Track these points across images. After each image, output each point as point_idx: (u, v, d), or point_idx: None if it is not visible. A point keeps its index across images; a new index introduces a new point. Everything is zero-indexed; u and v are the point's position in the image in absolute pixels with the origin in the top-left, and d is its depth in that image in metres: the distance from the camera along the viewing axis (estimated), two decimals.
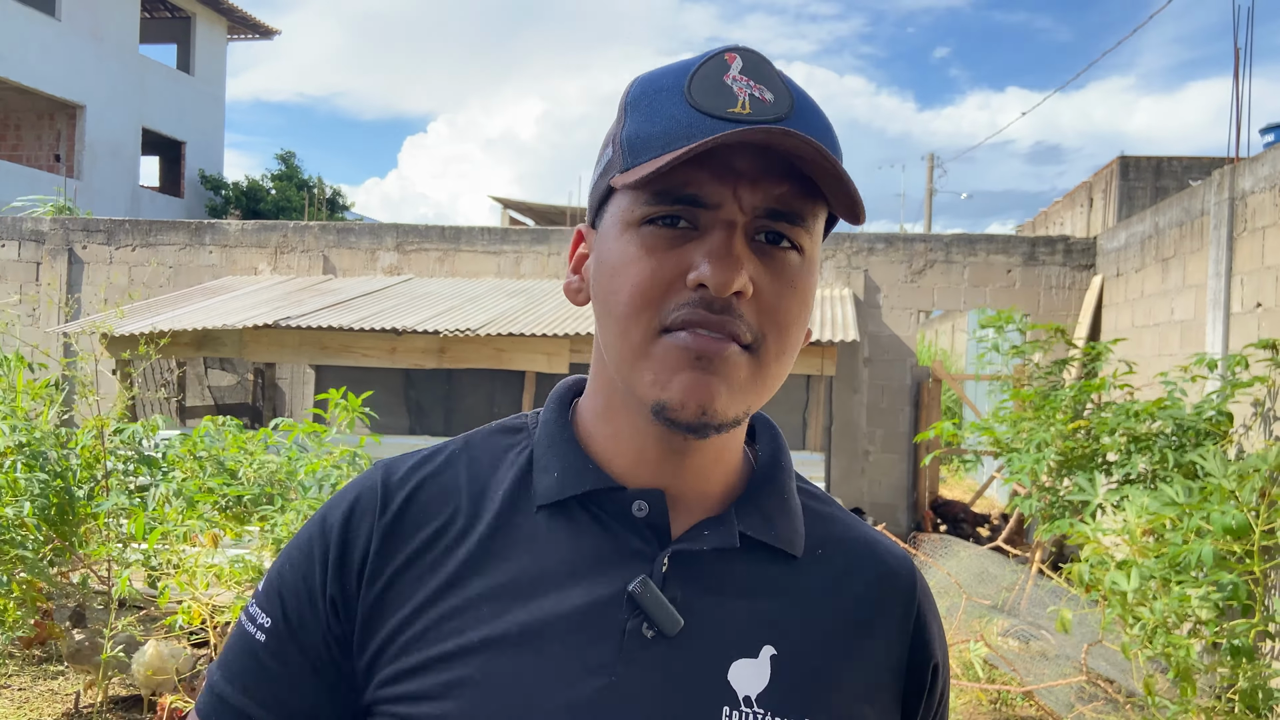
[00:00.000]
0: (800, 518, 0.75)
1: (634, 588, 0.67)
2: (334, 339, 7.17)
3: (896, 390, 8.46)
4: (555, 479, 0.71)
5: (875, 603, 0.74)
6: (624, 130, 0.67)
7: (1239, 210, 5.32)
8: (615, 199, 0.68)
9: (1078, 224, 11.34)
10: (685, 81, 0.65)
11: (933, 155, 22.72)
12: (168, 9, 18.84)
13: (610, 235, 0.68)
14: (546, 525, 0.70)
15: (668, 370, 0.64)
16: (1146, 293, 6.82)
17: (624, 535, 0.69)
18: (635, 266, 0.65)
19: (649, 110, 0.66)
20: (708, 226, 0.64)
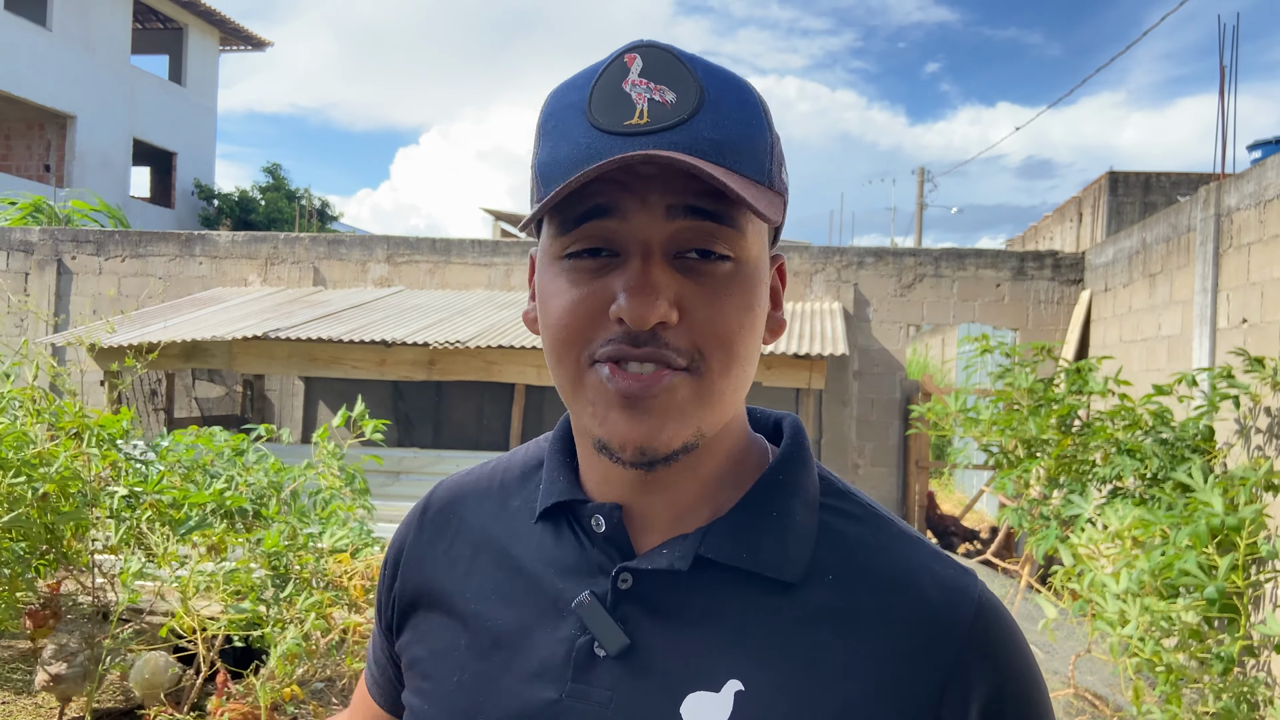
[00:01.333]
0: (801, 539, 0.67)
1: (577, 602, 0.66)
2: (324, 351, 7.15)
3: (886, 404, 8.48)
4: (543, 489, 0.74)
5: (891, 639, 0.63)
6: (537, 157, 0.65)
7: (1225, 226, 5.37)
8: (543, 229, 0.66)
9: (1067, 239, 11.41)
10: (587, 95, 0.62)
11: (923, 169, 22.84)
12: (160, 20, 18.86)
13: (542, 268, 0.67)
14: (539, 535, 0.73)
15: (602, 408, 0.63)
16: (1134, 308, 6.86)
17: (591, 550, 0.69)
18: (560, 301, 0.64)
19: (556, 133, 0.63)
20: (628, 250, 0.62)
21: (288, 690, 3.48)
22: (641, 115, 0.60)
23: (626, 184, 0.60)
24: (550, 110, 0.65)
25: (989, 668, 0.63)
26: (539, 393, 8.59)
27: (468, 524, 0.77)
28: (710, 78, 0.62)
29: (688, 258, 0.62)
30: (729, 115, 0.62)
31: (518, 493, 0.76)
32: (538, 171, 0.65)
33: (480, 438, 9.00)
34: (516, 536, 0.73)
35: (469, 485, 0.80)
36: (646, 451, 0.62)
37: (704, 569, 0.66)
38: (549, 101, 0.65)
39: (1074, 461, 4.85)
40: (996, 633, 0.65)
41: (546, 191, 0.63)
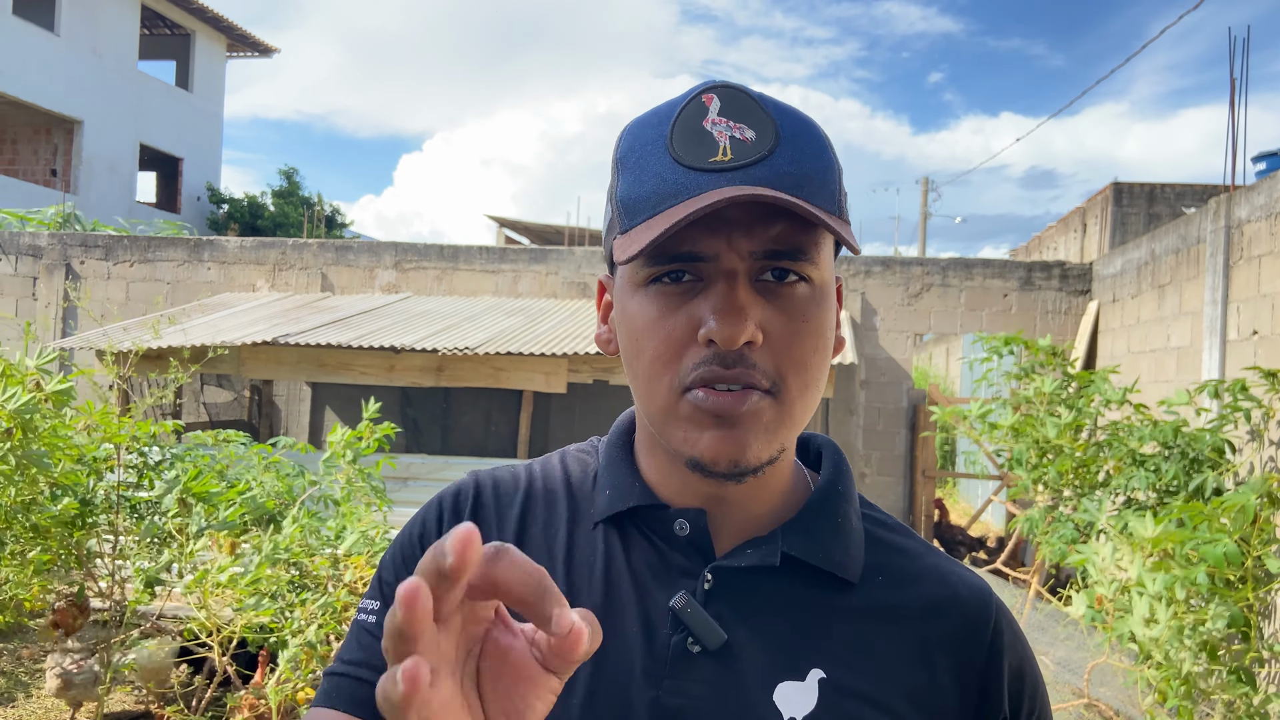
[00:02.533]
0: (858, 543, 0.75)
1: (676, 602, 0.68)
2: (332, 356, 7.16)
3: (893, 413, 8.48)
4: (608, 496, 0.75)
5: (938, 634, 0.72)
6: (618, 190, 0.68)
7: (1235, 238, 5.38)
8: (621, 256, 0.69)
9: (1071, 249, 11.42)
10: (668, 132, 0.66)
11: (927, 179, 22.86)
12: (167, 26, 18.92)
13: (625, 295, 0.70)
14: (603, 540, 0.74)
15: (694, 429, 0.66)
16: (1143, 319, 6.87)
17: (669, 553, 0.72)
18: (651, 329, 0.67)
19: (637, 168, 0.67)
20: (711, 277, 0.65)
21: (301, 694, 3.48)
22: (725, 152, 0.64)
23: (714, 228, 0.64)
24: (629, 145, 0.68)
25: (1014, 656, 0.74)
26: (546, 399, 8.60)
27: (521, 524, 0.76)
28: (782, 115, 0.67)
29: (766, 280, 0.66)
30: (803, 150, 0.66)
31: (564, 501, 0.77)
32: (621, 204, 0.68)
33: (488, 444, 9.01)
34: (575, 545, 0.74)
35: (510, 486, 0.79)
36: (739, 464, 0.66)
37: (783, 567, 0.71)
38: (626, 136, 0.69)
39: (1086, 470, 4.84)
40: (1014, 627, 0.76)
41: (631, 223, 0.66)
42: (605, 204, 0.73)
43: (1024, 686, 0.74)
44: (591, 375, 7.05)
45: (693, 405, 0.66)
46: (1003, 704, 0.72)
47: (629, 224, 0.66)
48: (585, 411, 8.94)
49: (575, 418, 8.97)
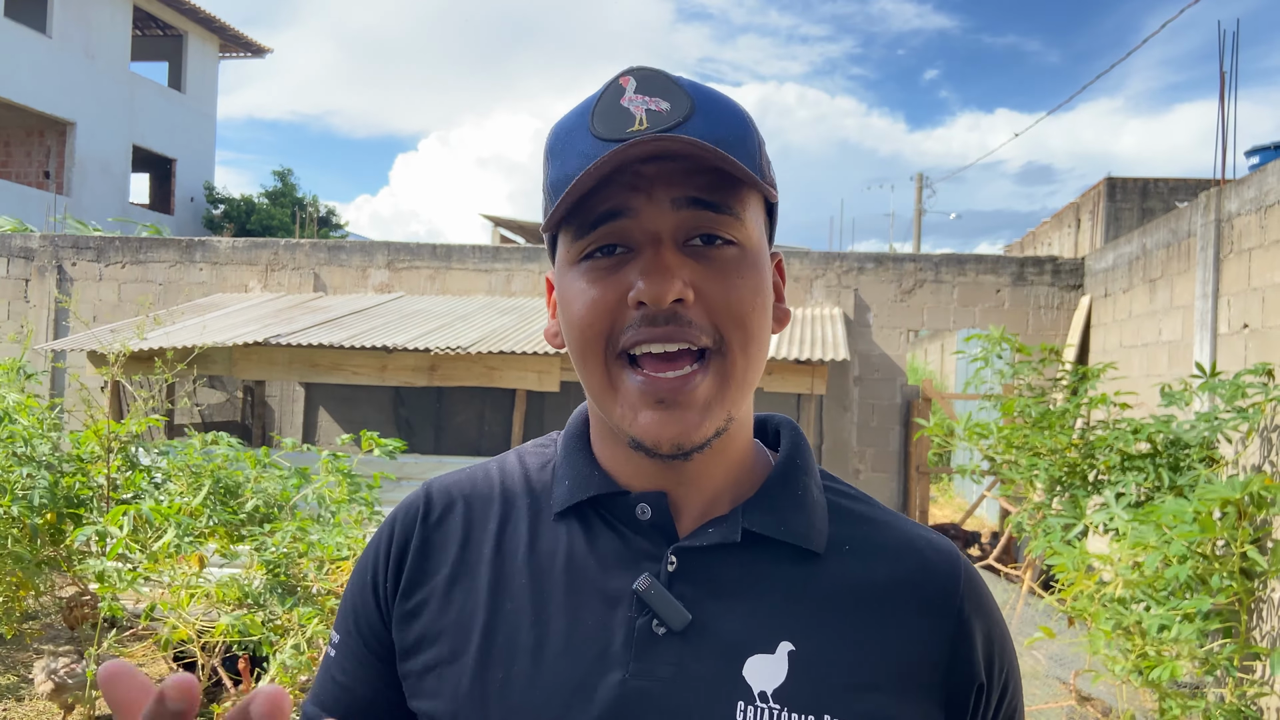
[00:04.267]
0: (821, 514, 0.75)
1: (639, 585, 0.69)
2: (324, 356, 7.15)
3: (886, 409, 8.48)
4: (567, 487, 0.75)
5: (908, 601, 0.72)
6: (548, 178, 0.70)
7: (1225, 232, 5.38)
8: (559, 244, 0.71)
9: (1065, 244, 11.43)
10: (589, 117, 0.67)
11: (921, 175, 22.87)
12: (159, 27, 18.88)
13: (560, 277, 0.71)
14: (565, 531, 0.74)
15: (633, 408, 0.67)
16: (1135, 313, 6.87)
17: (632, 538, 0.72)
18: (581, 299, 0.68)
19: (563, 153, 0.68)
20: (641, 243, 0.66)
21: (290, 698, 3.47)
22: (641, 123, 0.66)
23: (634, 184, 0.66)
24: (556, 136, 0.70)
25: (982, 618, 0.73)
26: (539, 398, 8.59)
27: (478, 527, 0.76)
28: (698, 91, 0.68)
29: (694, 245, 0.67)
30: (719, 118, 0.68)
31: (523, 497, 0.77)
32: (550, 189, 0.69)
33: (481, 443, 9.00)
34: (537, 538, 0.74)
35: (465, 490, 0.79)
36: (681, 443, 0.67)
37: (746, 543, 0.72)
38: (554, 130, 0.71)
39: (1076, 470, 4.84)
40: (981, 588, 0.75)
41: (554, 202, 0.67)
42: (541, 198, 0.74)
43: (994, 650, 0.73)
44: None
45: (631, 385, 0.67)
46: (977, 670, 0.72)
47: (554, 201, 0.68)
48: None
49: (568, 417, 8.96)
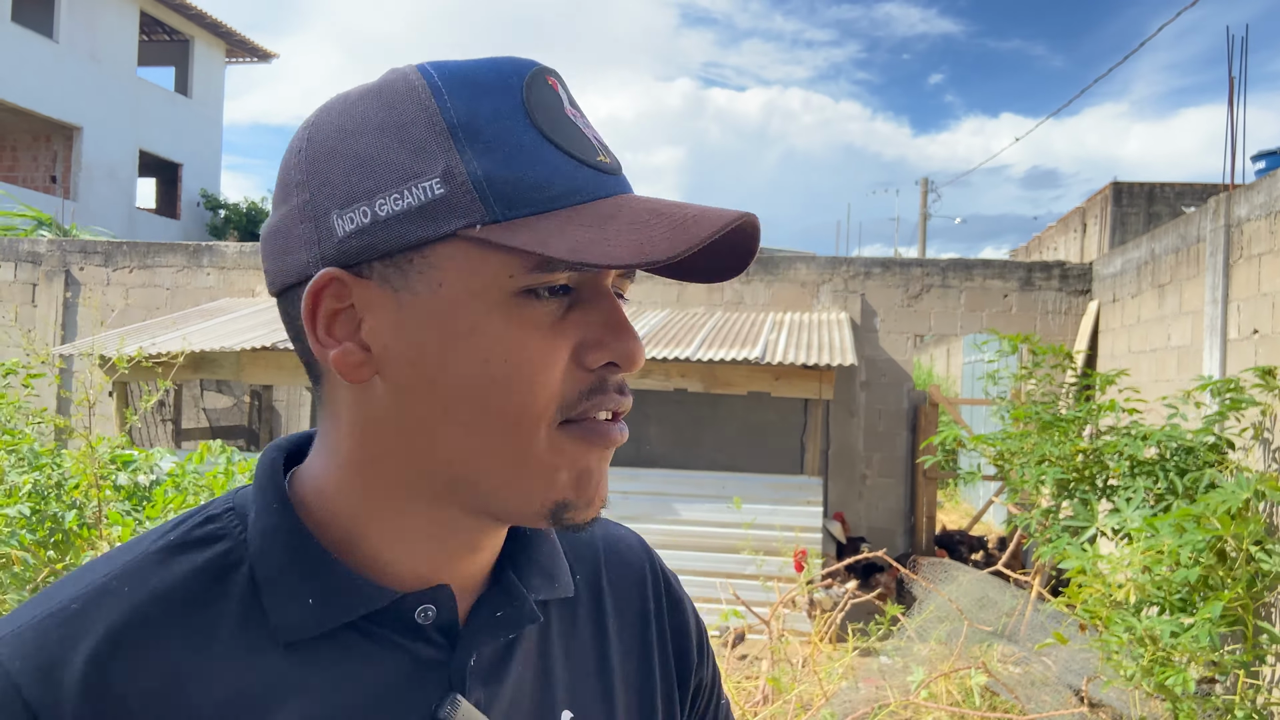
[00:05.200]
0: (561, 553, 0.67)
1: (444, 713, 0.56)
2: None
3: (893, 414, 8.47)
4: (312, 606, 0.55)
5: (637, 608, 0.70)
6: (472, 167, 0.52)
7: (1235, 237, 5.36)
8: (459, 255, 0.52)
9: (1071, 249, 11.41)
10: (524, 107, 0.54)
11: (926, 180, 22.86)
12: (166, 32, 18.94)
13: (472, 309, 0.53)
14: (302, 668, 0.54)
15: (575, 468, 0.55)
16: (1143, 318, 6.85)
17: (411, 647, 0.57)
18: (528, 354, 0.53)
19: (500, 144, 0.52)
20: (587, 290, 0.55)
21: None
22: (603, 155, 0.56)
23: None
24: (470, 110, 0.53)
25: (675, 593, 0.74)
26: None
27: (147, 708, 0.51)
28: None
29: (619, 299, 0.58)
30: None
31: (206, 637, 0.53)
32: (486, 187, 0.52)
33: None
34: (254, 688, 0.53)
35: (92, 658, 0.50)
36: (602, 504, 0.58)
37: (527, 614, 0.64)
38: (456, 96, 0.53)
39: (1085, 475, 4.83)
40: (663, 563, 0.75)
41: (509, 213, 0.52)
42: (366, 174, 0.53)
43: (700, 625, 0.73)
44: None
45: (580, 440, 0.55)
46: (694, 652, 0.72)
47: (506, 214, 0.51)
48: None
49: None
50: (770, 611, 5.15)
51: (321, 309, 0.54)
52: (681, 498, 6.63)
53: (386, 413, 0.55)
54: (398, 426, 0.55)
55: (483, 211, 0.51)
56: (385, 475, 0.56)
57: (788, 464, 8.46)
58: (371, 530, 0.57)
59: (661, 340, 7.12)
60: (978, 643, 4.65)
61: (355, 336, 0.54)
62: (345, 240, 0.53)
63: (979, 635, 4.70)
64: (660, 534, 6.53)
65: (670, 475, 6.87)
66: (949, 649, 4.63)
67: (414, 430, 0.54)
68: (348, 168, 0.53)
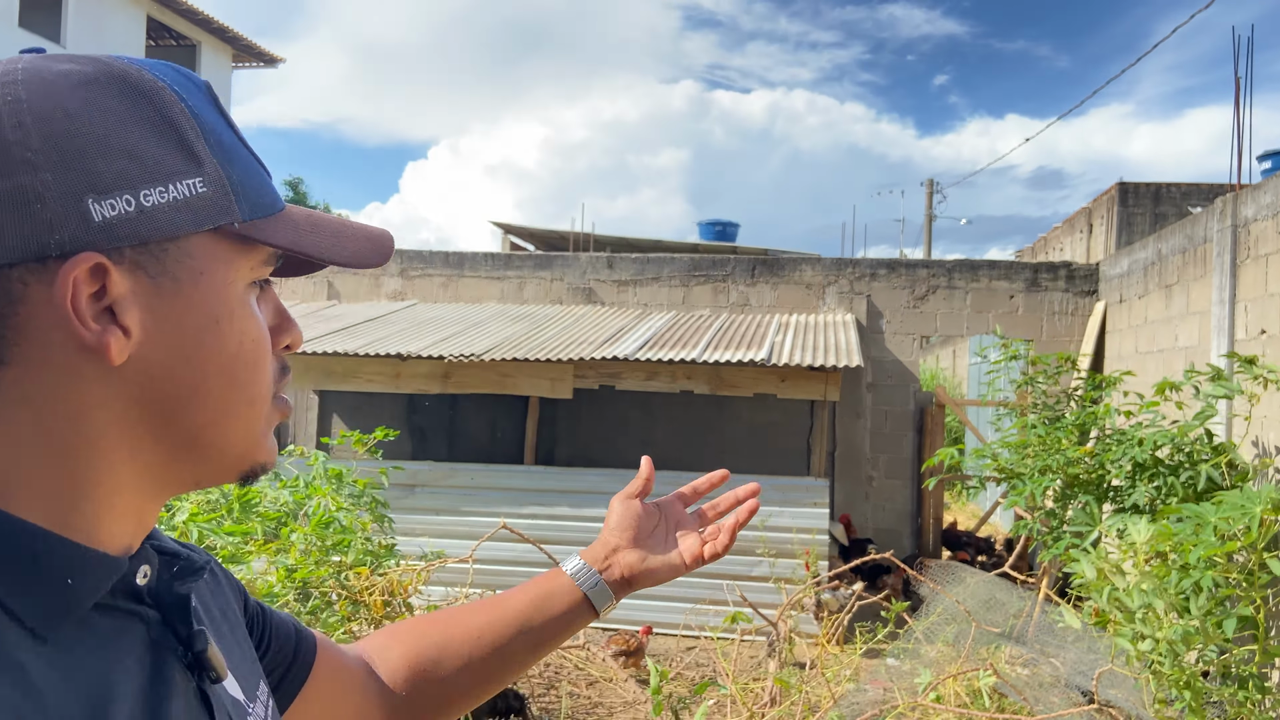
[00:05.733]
0: None
1: (202, 646, 0.61)
2: (339, 364, 7.18)
3: (900, 415, 8.46)
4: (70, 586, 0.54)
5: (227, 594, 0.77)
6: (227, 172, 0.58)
7: (1242, 237, 5.35)
8: (209, 247, 0.58)
9: (1077, 250, 11.39)
10: (225, 117, 0.63)
11: (932, 181, 22.85)
12: (173, 37, 19.02)
13: (225, 297, 0.59)
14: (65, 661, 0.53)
15: (269, 435, 0.65)
16: (1150, 319, 6.84)
17: (140, 610, 0.59)
18: (262, 338, 0.62)
19: (234, 151, 0.60)
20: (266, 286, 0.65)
21: None
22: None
23: None
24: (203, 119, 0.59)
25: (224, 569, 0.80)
26: (552, 405, 8.59)
27: None
28: None
29: None
30: None
31: None
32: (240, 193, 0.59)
33: (494, 450, 9.01)
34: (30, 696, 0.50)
35: None
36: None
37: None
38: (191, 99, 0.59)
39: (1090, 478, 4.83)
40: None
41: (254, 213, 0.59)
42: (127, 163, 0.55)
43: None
44: (598, 380, 7.05)
45: (276, 414, 0.65)
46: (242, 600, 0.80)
47: (251, 214, 0.59)
48: (591, 417, 8.94)
49: (581, 423, 8.97)
50: (778, 613, 5.15)
51: (83, 292, 0.54)
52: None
53: (128, 392, 0.56)
54: (141, 404, 0.57)
55: (238, 212, 0.58)
56: (106, 454, 0.57)
57: (794, 466, 8.46)
58: (85, 509, 0.56)
59: (667, 342, 7.13)
60: (985, 644, 4.64)
61: (115, 319, 0.55)
62: (103, 226, 0.54)
63: (987, 637, 4.70)
64: None
65: (676, 477, 6.83)
66: (956, 650, 4.63)
67: (160, 406, 0.58)
68: (108, 156, 0.54)
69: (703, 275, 8.84)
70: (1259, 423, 4.76)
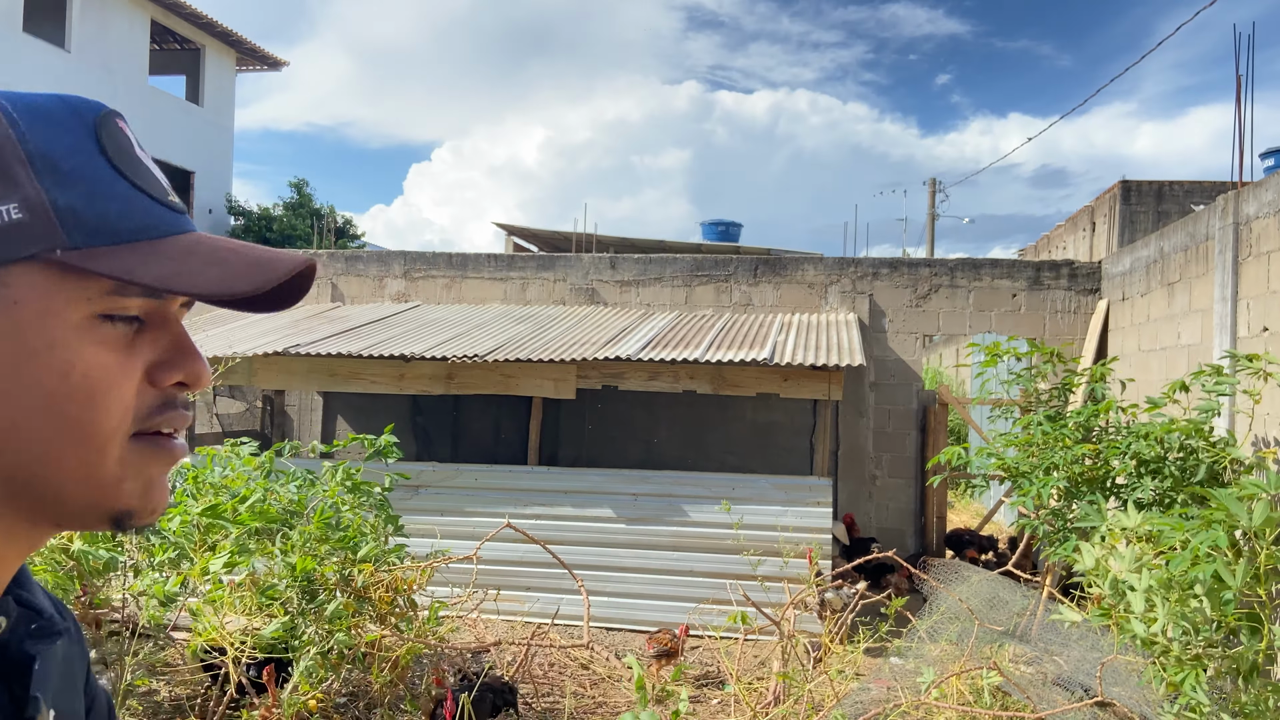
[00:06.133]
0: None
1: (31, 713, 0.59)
2: (343, 366, 7.20)
3: (903, 414, 8.47)
4: None
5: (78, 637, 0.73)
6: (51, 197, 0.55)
7: (1244, 235, 5.36)
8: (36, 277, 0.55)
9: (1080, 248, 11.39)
10: (96, 144, 0.58)
11: (934, 180, 22.84)
12: (177, 41, 19.08)
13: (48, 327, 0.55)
14: None
15: (139, 478, 0.59)
16: (1152, 317, 6.84)
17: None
18: (106, 371, 0.56)
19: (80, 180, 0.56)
20: (155, 319, 0.60)
21: (314, 701, 3.50)
22: (172, 194, 0.61)
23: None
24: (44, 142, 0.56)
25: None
26: (556, 405, 8.61)
27: None
28: None
29: None
30: None
31: None
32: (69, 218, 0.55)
33: (498, 451, 9.03)
34: None
35: None
36: (161, 512, 0.62)
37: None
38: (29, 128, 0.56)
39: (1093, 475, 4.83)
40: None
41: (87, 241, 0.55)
42: None
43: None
44: (601, 381, 7.07)
45: (148, 452, 0.59)
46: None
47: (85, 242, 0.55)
48: (594, 417, 8.95)
49: (584, 424, 8.99)
50: (780, 613, 5.16)
51: None
52: (690, 499, 6.65)
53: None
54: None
55: (63, 238, 0.54)
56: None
57: (797, 465, 8.47)
58: None
59: (670, 342, 7.15)
60: (989, 643, 4.65)
61: None
62: None
63: (990, 635, 4.70)
64: (670, 535, 6.55)
65: (679, 477, 6.88)
66: (960, 649, 4.64)
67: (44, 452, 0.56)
68: None
69: (705, 275, 8.86)
70: (1261, 420, 4.76)
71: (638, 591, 6.50)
